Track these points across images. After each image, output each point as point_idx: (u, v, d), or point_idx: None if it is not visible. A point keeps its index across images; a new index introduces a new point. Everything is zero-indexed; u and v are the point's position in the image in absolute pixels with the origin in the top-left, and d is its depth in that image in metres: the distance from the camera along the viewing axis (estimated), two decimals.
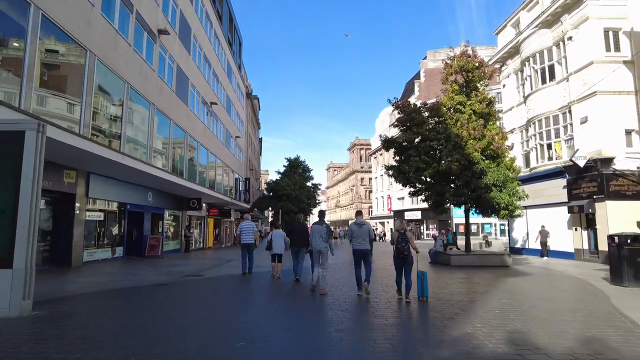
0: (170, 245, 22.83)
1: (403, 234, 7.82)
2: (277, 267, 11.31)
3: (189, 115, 24.55)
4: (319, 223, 8.82)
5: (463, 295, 8.66)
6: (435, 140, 15.82)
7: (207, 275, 11.93)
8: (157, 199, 20.56)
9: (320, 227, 8.64)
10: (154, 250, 19.16)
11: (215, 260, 18.34)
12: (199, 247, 27.82)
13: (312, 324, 6.10)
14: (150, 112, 18.83)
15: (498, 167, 15.44)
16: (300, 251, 10.67)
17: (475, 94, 16.49)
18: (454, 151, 15.19)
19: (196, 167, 25.91)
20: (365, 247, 8.21)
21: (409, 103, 16.90)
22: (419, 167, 15.89)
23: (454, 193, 15.47)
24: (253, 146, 50.43)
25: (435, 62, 56.53)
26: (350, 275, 11.16)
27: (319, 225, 8.73)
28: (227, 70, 35.83)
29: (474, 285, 10.23)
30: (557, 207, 19.40)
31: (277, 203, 30.46)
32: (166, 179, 18.29)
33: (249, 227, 12.47)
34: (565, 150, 19.31)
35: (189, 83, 24.65)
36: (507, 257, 15.99)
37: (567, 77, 18.92)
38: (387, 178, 61.12)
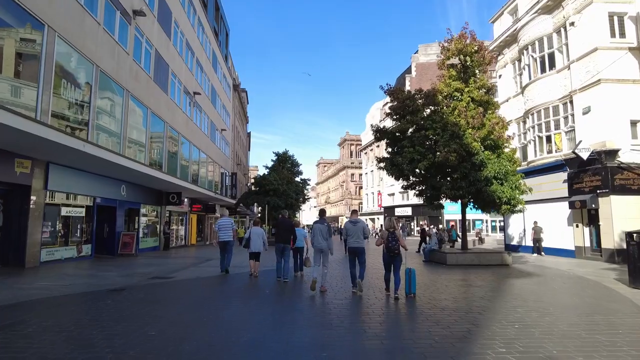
0: (147, 242, 21.25)
1: (392, 233, 7.87)
2: (256, 265, 10.77)
3: (169, 105, 22.95)
4: (320, 222, 8.64)
5: (469, 302, 7.36)
6: (430, 129, 14.52)
7: (176, 278, 10.47)
8: (133, 193, 18.96)
9: (321, 226, 8.47)
10: (128, 248, 17.60)
11: (193, 259, 16.86)
12: (181, 245, 26.25)
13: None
14: (124, 99, 17.25)
15: (498, 158, 14.21)
16: (285, 249, 10.14)
17: (474, 80, 15.22)
18: (451, 141, 13.90)
19: (177, 159, 24.32)
20: (360, 245, 8.24)
21: (403, 90, 15.57)
22: (413, 158, 14.58)
23: (451, 186, 14.18)
24: (241, 140, 48.77)
25: (427, 57, 55.40)
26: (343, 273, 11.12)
27: (320, 224, 8.55)
28: (213, 60, 34.14)
29: (478, 289, 8.95)
30: (557, 202, 18.28)
31: (264, 198, 28.95)
32: (141, 171, 16.72)
33: (226, 224, 11.64)
34: (566, 142, 18.19)
35: (170, 71, 23.03)
36: (507, 255, 14.80)
37: (569, 65, 17.75)
38: (378, 174, 59.96)
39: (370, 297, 7.84)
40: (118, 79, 16.47)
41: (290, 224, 10.54)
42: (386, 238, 7.85)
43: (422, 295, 8.06)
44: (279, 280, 9.96)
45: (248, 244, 10.77)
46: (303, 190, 36.84)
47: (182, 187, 22.47)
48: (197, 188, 25.14)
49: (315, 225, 8.59)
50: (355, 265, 8.29)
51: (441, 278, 10.92)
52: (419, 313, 6.39)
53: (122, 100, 17.15)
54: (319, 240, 8.39)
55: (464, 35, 15.13)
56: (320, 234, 8.39)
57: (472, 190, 13.91)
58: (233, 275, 11.34)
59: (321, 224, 8.54)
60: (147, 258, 17.10)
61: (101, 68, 15.04)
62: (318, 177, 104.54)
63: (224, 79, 38.99)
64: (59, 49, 12.31)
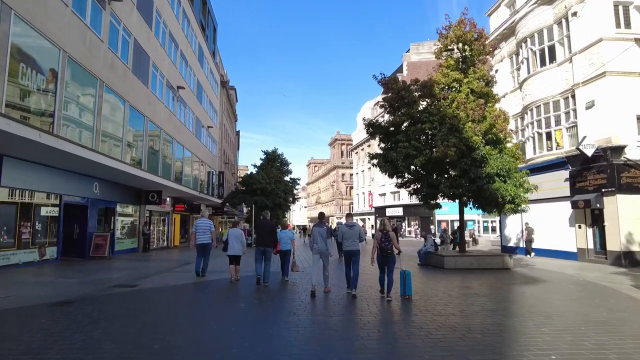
0: (125, 244, 19.76)
1: (386, 234, 7.78)
2: (235, 269, 10.02)
3: (150, 99, 21.48)
4: (319, 225, 8.60)
5: (482, 319, 6.13)
6: (427, 122, 13.34)
7: (142, 286, 9.08)
8: (108, 191, 17.48)
9: (321, 229, 8.42)
10: (101, 250, 16.12)
11: (171, 263, 15.46)
12: (162, 246, 24.74)
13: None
14: (97, 90, 15.81)
15: (501, 154, 13.08)
16: (267, 252, 9.61)
17: (474, 71, 14.08)
18: (450, 135, 12.74)
19: (159, 156, 22.85)
20: (355, 248, 8.18)
21: (397, 80, 14.37)
22: (409, 154, 13.39)
23: (449, 184, 13.00)
24: (229, 138, 47.25)
25: (419, 55, 54.44)
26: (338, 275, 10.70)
27: (320, 227, 8.51)
28: (199, 55, 32.66)
29: (486, 300, 7.75)
30: (558, 202, 17.25)
31: (251, 198, 27.55)
32: (116, 168, 15.29)
33: (204, 225, 10.95)
34: (567, 139, 17.17)
35: (150, 62, 21.56)
36: (508, 258, 13.68)
37: (571, 58, 16.74)
38: (369, 174, 58.85)
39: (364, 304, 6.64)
40: (90, 67, 15.03)
41: (272, 225, 10.04)
42: (379, 239, 7.79)
43: (424, 307, 6.84)
44: (259, 285, 9.31)
45: (227, 247, 10.09)
46: (292, 189, 35.46)
47: (163, 186, 21.02)
48: (179, 187, 23.68)
49: (315, 228, 8.50)
50: (350, 268, 8.18)
51: (441, 285, 9.72)
52: (424, 335, 5.15)
53: (95, 91, 15.71)
54: (319, 243, 8.32)
55: (463, 21, 13.97)
56: (320, 237, 8.32)
57: (473, 188, 12.75)
58: (210, 281, 10.02)
59: (321, 227, 8.47)
60: (121, 261, 15.66)
61: (69, 54, 13.61)
62: (309, 177, 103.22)
63: (211, 75, 37.51)
64: (16, 30, 10.88)
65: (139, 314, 6.41)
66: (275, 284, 9.65)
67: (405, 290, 7.65)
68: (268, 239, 9.62)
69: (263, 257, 9.56)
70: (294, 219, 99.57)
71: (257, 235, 9.81)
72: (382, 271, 7.88)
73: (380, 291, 7.95)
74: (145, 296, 7.93)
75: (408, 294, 7.62)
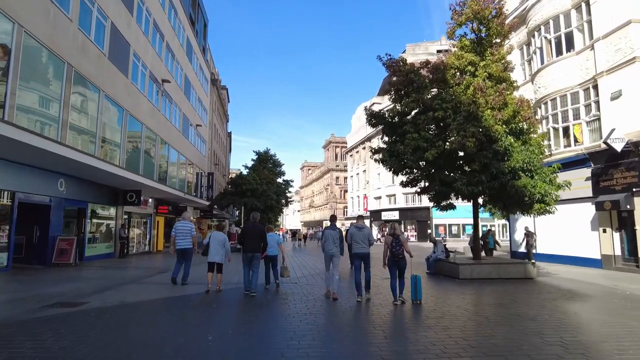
0: (98, 249, 17.59)
1: (397, 238, 7.67)
2: (217, 278, 8.86)
3: (131, 90, 19.46)
4: (331, 228, 8.37)
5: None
6: (440, 110, 11.47)
7: (88, 305, 6.98)
8: (76, 189, 15.36)
9: (333, 232, 8.22)
10: (65, 256, 13.97)
11: (145, 271, 13.36)
12: (143, 251, 22.54)
13: None
14: (65, 75, 13.81)
15: (525, 145, 11.26)
16: (254, 258, 8.61)
17: (491, 53, 12.29)
18: (468, 124, 10.89)
19: (140, 153, 20.78)
20: (365, 250, 7.97)
21: (405, 61, 12.51)
22: (418, 146, 11.50)
23: (467, 181, 11.10)
24: (219, 139, 45.14)
25: (415, 56, 52.71)
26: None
27: (332, 229, 8.30)
28: (187, 49, 30.66)
29: (536, 326, 5.85)
30: (577, 203, 15.48)
31: (240, 199, 25.49)
32: (86, 163, 13.24)
33: (184, 229, 9.87)
34: (587, 134, 15.43)
35: (131, 51, 19.55)
36: (531, 266, 11.83)
37: (592, 45, 15.04)
38: (364, 176, 57.01)
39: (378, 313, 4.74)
40: (54, 48, 13.04)
41: (261, 229, 8.97)
42: (390, 243, 7.65)
43: (448, 336, 4.92)
44: (247, 294, 8.28)
45: (207, 251, 8.92)
46: (285, 191, 33.44)
47: (143, 185, 18.88)
48: (162, 187, 21.55)
49: (327, 231, 8.33)
50: (360, 272, 7.89)
51: (459, 300, 7.86)
52: None
53: (62, 75, 13.70)
54: (330, 246, 8.10)
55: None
56: (332, 240, 8.09)
57: (494, 186, 10.86)
58: (181, 297, 8.01)
59: (332, 230, 8.27)
60: (88, 269, 13.56)
61: (26, 29, 11.64)
62: (302, 180, 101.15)
63: (201, 71, 35.49)
64: None
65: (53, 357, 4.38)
66: (263, 297, 7.68)
67: (416, 295, 7.53)
68: (256, 243, 8.62)
69: (250, 264, 8.58)
70: (287, 223, 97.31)
71: (243, 239, 8.64)
72: (393, 277, 7.67)
73: (394, 301, 7.50)
74: (83, 322, 5.81)
75: (419, 299, 7.52)
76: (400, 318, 6.40)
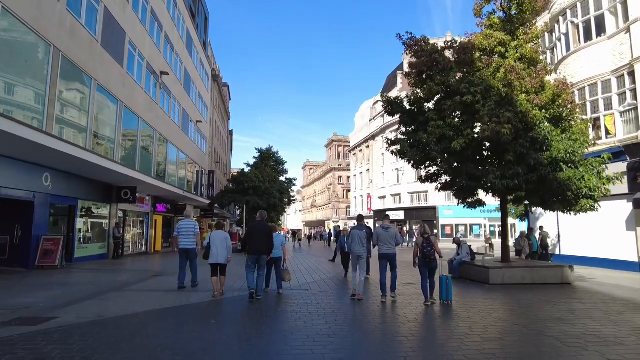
0: (90, 249, 16.21)
1: (428, 239, 7.54)
2: (220, 281, 7.98)
3: (126, 81, 18.11)
4: (358, 228, 8.21)
5: None
6: (468, 94, 10.09)
7: (56, 321, 5.55)
8: (64, 184, 14.00)
9: (360, 232, 8.00)
10: (50, 257, 12.60)
11: (136, 274, 11.97)
12: (140, 252, 21.16)
13: None
14: (51, 59, 12.49)
15: (567, 133, 9.87)
16: (260, 260, 7.85)
17: (524, 32, 10.91)
18: (501, 109, 9.51)
19: (137, 148, 19.45)
20: (392, 251, 7.74)
21: (428, 40, 11.12)
22: (444, 135, 10.14)
23: (500, 174, 9.70)
24: (221, 137, 43.77)
25: None
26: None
27: (358, 229, 8.12)
28: (187, 42, 29.31)
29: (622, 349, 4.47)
30: (611, 200, 14.01)
31: (242, 197, 24.13)
32: (73, 155, 11.89)
33: (187, 228, 9.23)
34: (621, 125, 14.04)
35: (127, 39, 18.21)
36: (568, 270, 10.45)
37: (628, 28, 13.63)
38: (367, 176, 55.62)
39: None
40: (39, 29, 11.72)
41: (268, 228, 8.15)
42: (421, 244, 7.56)
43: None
44: (252, 301, 7.39)
45: (208, 254, 7.98)
46: (288, 190, 32.08)
47: (139, 181, 17.49)
48: (159, 183, 20.17)
49: (353, 231, 8.16)
50: (386, 272, 7.76)
51: (495, 309, 6.52)
52: None
53: (47, 60, 12.37)
54: (357, 246, 7.93)
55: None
56: (358, 240, 7.92)
57: (533, 179, 9.47)
58: (181, 308, 6.65)
59: (359, 230, 8.12)
60: (75, 272, 12.21)
61: (4, 4, 10.31)
62: (304, 180, 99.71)
63: (201, 66, 34.14)
64: None
65: None
66: (273, 311, 6.32)
67: (447, 296, 7.42)
68: (263, 244, 7.81)
69: (256, 265, 7.78)
70: (288, 223, 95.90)
71: (248, 239, 7.91)
72: (424, 277, 7.53)
73: (425, 302, 7.37)
74: (33, 352, 4.40)
75: (449, 300, 7.41)
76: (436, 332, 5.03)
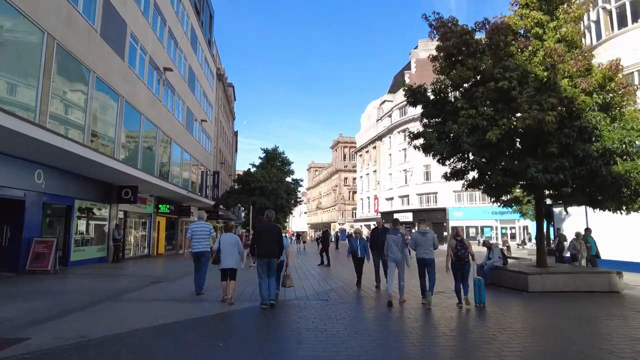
0: (88, 252, 15.15)
1: (461, 241, 7.49)
2: (230, 286, 7.38)
3: (128, 75, 17.12)
4: (393, 232, 7.90)
5: None
6: (503, 80, 8.95)
7: (30, 344, 4.42)
8: (59, 182, 12.97)
9: (395, 237, 7.71)
10: (42, 261, 11.54)
11: (136, 280, 10.87)
12: (142, 254, 20.10)
13: None
14: (45, 47, 11.51)
15: (619, 122, 8.69)
16: (271, 263, 7.12)
17: (565, 10, 9.76)
18: (542, 95, 8.37)
19: (139, 146, 18.43)
20: (429, 255, 7.58)
21: (457, 21, 10.00)
22: (477, 125, 9.01)
23: (543, 168, 8.52)
24: (225, 137, 42.76)
25: (428, 52, 50.17)
26: None
27: (394, 234, 7.80)
28: (192, 38, 28.34)
29: None
30: None
31: (249, 198, 23.04)
32: (69, 150, 10.88)
33: (202, 230, 8.45)
34: None
35: (128, 31, 17.22)
36: (616, 277, 9.25)
37: None
38: (374, 177, 54.40)
39: None
40: (30, 13, 10.69)
41: (278, 229, 7.50)
42: (454, 247, 7.44)
43: None
44: (265, 307, 6.84)
45: (218, 259, 7.52)
46: (295, 191, 30.97)
47: (140, 180, 16.46)
48: (162, 183, 19.13)
49: (389, 236, 7.85)
50: (425, 277, 7.56)
51: (555, 329, 5.31)
52: None
53: (41, 48, 11.36)
54: (394, 251, 7.62)
55: None
56: (395, 245, 7.59)
57: (581, 173, 8.29)
58: (180, 324, 5.53)
59: (395, 235, 7.80)
60: (68, 277, 11.16)
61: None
62: (309, 182, 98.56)
63: (206, 64, 33.17)
64: None
65: None
66: (287, 316, 5.20)
67: (480, 298, 7.35)
68: (272, 246, 7.11)
69: (267, 271, 7.08)
70: (293, 225, 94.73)
71: (257, 242, 7.17)
72: (457, 280, 7.51)
73: (458, 303, 7.39)
74: None
75: (482, 302, 7.31)
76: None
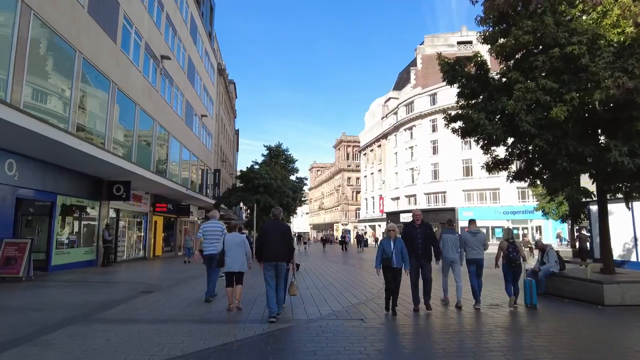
0: (72, 255, 13.34)
1: (512, 243, 7.26)
2: (236, 291, 6.51)
3: (120, 59, 15.39)
4: (449, 232, 7.72)
5: None
6: (570, 45, 7.19)
7: None
8: (37, 175, 11.19)
9: (452, 236, 7.56)
10: (12, 267, 9.72)
11: (123, 288, 9.05)
12: (137, 257, 18.30)
13: None
14: (18, 17, 9.77)
15: None
16: (279, 267, 6.03)
17: None
18: (631, 59, 6.63)
19: (134, 139, 16.69)
20: (480, 256, 7.28)
21: None
22: (538, 101, 7.26)
23: (629, 151, 6.74)
24: (226, 134, 40.99)
25: (434, 48, 48.58)
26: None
27: (451, 234, 7.64)
28: (191, 28, 26.60)
29: None
30: None
31: (252, 196, 21.26)
32: (45, 135, 9.14)
33: (214, 230, 7.47)
34: None
35: (121, 11, 15.49)
36: None
37: None
38: (379, 176, 52.56)
39: None
40: None
41: (286, 228, 6.44)
42: (506, 249, 7.21)
43: None
44: (273, 321, 5.66)
45: (223, 260, 6.63)
46: (301, 189, 29.20)
47: (134, 175, 14.67)
48: (159, 179, 17.33)
49: (445, 235, 7.57)
50: (476, 278, 7.21)
51: None
52: None
53: (14, 17, 9.64)
54: (449, 252, 7.41)
55: None
56: (451, 245, 7.45)
57: None
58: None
59: (451, 234, 7.61)
60: (42, 285, 9.37)
61: None
62: (311, 182, 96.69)
63: (206, 57, 31.43)
64: None
65: None
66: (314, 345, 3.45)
67: (531, 300, 7.09)
68: (280, 247, 6.08)
69: (276, 276, 6.13)
70: (295, 226, 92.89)
71: (263, 243, 6.16)
72: (508, 281, 7.26)
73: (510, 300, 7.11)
74: None
75: (534, 304, 7.04)
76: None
